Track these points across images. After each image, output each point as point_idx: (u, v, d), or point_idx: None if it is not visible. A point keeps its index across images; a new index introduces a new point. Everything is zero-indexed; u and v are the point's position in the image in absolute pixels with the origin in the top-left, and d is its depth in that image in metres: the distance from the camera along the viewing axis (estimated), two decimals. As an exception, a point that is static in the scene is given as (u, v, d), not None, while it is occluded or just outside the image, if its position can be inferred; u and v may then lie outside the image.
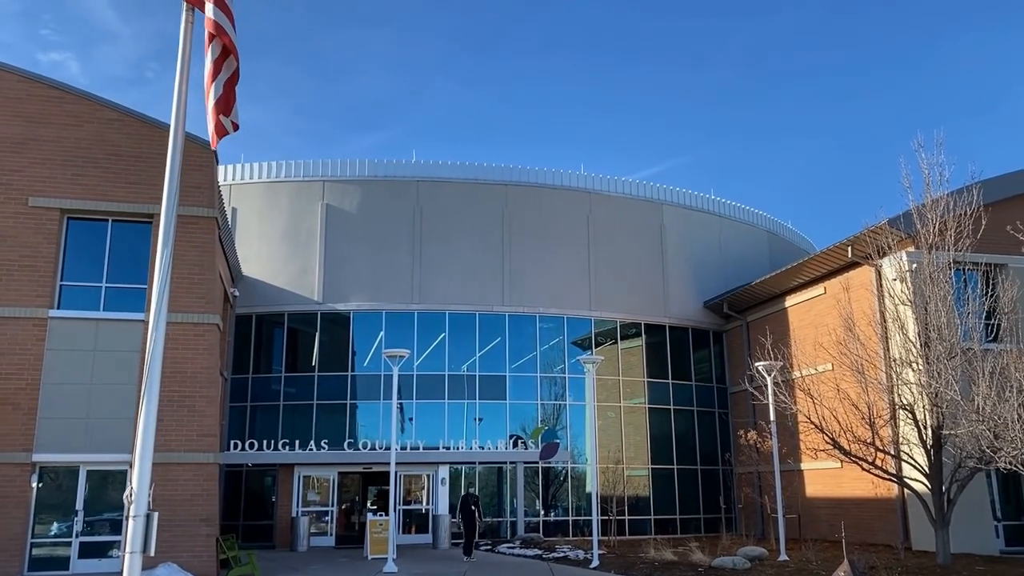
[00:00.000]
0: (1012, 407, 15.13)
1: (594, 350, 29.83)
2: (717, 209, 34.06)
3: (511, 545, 24.53)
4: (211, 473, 17.85)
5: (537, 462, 28.11)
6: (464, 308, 29.14)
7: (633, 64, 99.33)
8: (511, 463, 28.12)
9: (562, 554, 21.84)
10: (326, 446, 25.81)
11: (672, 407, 31.13)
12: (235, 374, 28.24)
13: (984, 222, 18.62)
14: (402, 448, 26.27)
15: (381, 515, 23.39)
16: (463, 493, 24.39)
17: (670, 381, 31.33)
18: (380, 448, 25.84)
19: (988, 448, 15.77)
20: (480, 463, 28.23)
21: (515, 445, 28.21)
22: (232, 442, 26.08)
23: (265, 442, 25.67)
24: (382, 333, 28.60)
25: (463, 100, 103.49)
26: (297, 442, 26.02)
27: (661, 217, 32.35)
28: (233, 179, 30.02)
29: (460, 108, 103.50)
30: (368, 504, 27.29)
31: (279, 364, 29.13)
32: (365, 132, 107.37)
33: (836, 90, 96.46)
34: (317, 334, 28.86)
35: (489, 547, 24.74)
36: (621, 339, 31.18)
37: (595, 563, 19.47)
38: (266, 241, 29.32)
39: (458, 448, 27.31)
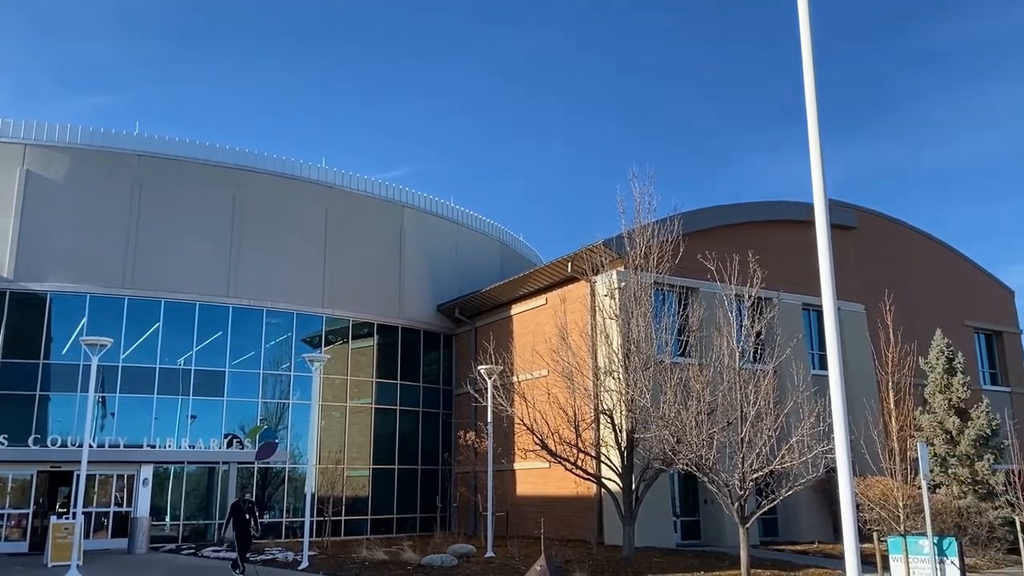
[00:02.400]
0: (692, 415, 16.95)
1: (323, 349, 29.27)
2: (455, 216, 34.96)
3: (217, 548, 23.27)
4: None
5: (253, 462, 26.99)
6: (184, 297, 27.27)
7: (380, 65, 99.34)
8: (224, 463, 26.72)
9: (271, 556, 21.13)
10: (5, 442, 22.90)
11: (399, 408, 31.37)
12: None
13: (682, 249, 20.78)
14: (100, 446, 24.01)
15: (67, 518, 21.14)
16: (235, 498, 21.15)
17: (399, 382, 31.55)
18: (74, 445, 23.37)
19: (671, 451, 17.53)
20: (190, 463, 26.53)
21: (230, 444, 26.87)
22: None
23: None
24: (85, 319, 25.95)
25: (198, 84, 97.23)
26: (-31, 437, 22.82)
27: (401, 219, 32.55)
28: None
29: (194, 92, 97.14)
30: (58, 506, 24.58)
31: (-46, 347, 25.39)
32: (82, 96, 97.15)
33: (581, 107, 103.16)
34: (4, 315, 25.49)
35: (192, 551, 23.31)
36: (353, 339, 30.90)
37: (304, 564, 19.06)
38: (-53, 205, 25.48)
39: (166, 447, 25.47)
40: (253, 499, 21.30)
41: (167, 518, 26.15)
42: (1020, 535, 14.28)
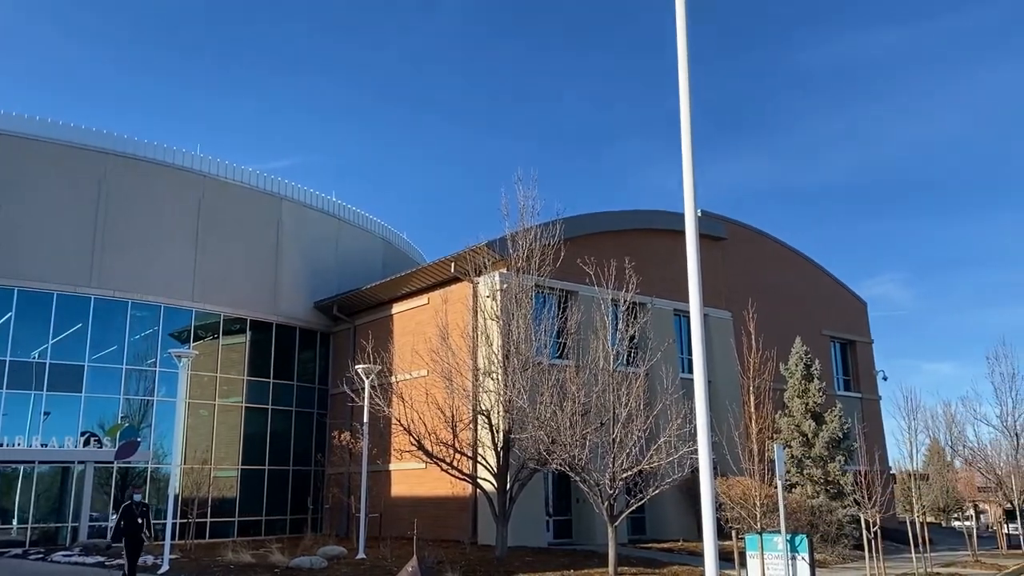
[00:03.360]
0: (567, 416, 17.32)
1: (193, 344, 28.09)
2: (337, 212, 34.29)
3: (68, 553, 21.92)
4: None
5: (112, 462, 25.60)
6: (40, 286, 25.59)
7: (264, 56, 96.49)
8: (80, 463, 25.22)
9: (129, 561, 20.03)
10: None
11: (271, 407, 30.49)
12: None
13: (563, 253, 21.15)
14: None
15: None
16: (127, 500, 17.46)
17: (271, 380, 30.67)
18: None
19: (545, 451, 17.84)
20: (42, 463, 24.90)
21: (88, 443, 25.38)
22: None
23: None
24: (-74, 306, 23.94)
25: (63, 52, 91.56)
26: None
27: (280, 213, 31.66)
28: None
29: (58, 60, 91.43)
30: None
31: None
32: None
33: (471, 111, 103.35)
34: None
35: (41, 555, 21.87)
36: (225, 334, 29.81)
37: (165, 568, 18.23)
38: None
39: (15, 445, 23.81)
40: (146, 500, 18.93)
41: (15, 521, 24.45)
42: (865, 532, 15.30)
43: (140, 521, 16.56)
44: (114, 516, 26.14)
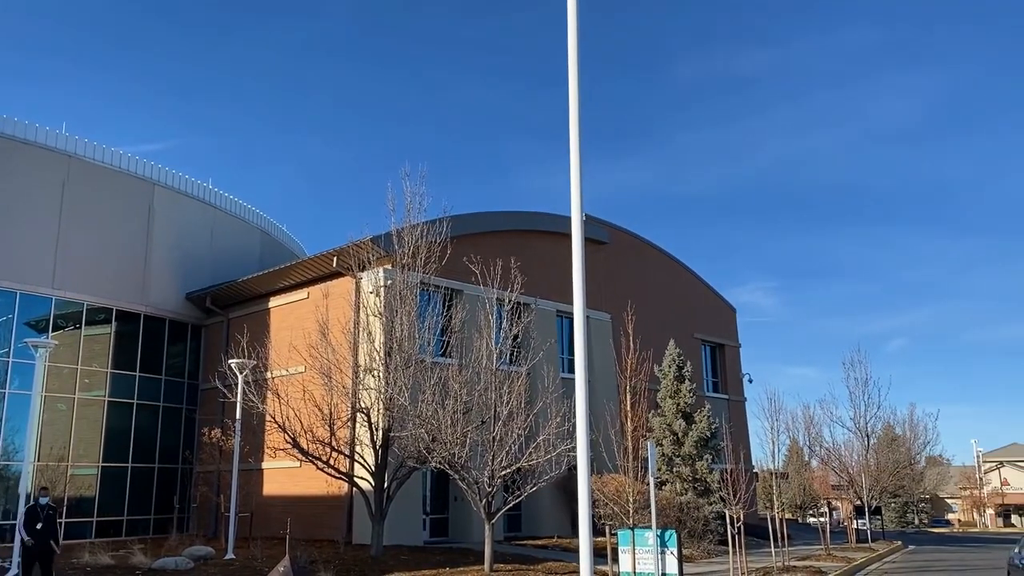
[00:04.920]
0: (448, 414, 17.31)
1: (52, 334, 26.36)
2: (213, 200, 32.99)
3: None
4: None
5: (-45, 459, 23.74)
6: None
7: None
8: (-83, 460, 23.25)
9: (-31, 566, 18.63)
10: None
11: (136, 401, 29.01)
12: None
13: (449, 251, 21.09)
14: None
15: None
16: (31, 502, 15.19)
17: (137, 374, 29.19)
18: None
19: (425, 449, 17.76)
20: None
21: (-73, 438, 23.43)
22: None
23: None
24: None
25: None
26: None
27: (151, 198, 30.18)
28: None
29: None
30: None
31: None
32: None
33: (361, 103, 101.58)
34: None
35: None
36: (87, 324, 28.14)
37: (13, 571, 16.99)
38: None
39: None
40: (53, 502, 15.69)
41: None
42: (729, 528, 16.04)
43: (41, 527, 14.50)
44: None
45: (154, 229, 30.01)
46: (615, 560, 13.85)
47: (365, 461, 19.91)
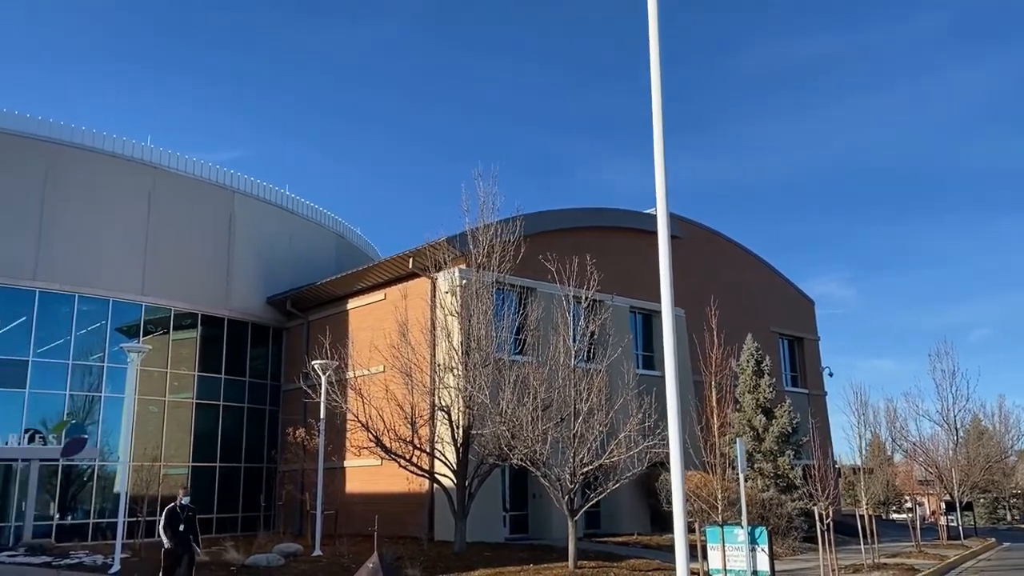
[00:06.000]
0: (528, 411, 17.41)
1: (142, 339, 27.43)
2: (290, 206, 33.86)
3: (13, 553, 21.28)
4: None
5: (58, 460, 24.93)
6: (-19, 279, 24.73)
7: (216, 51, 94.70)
8: (24, 460, 24.47)
9: (77, 560, 19.62)
10: None
11: (222, 403, 29.99)
12: None
13: (523, 250, 21.21)
14: None
15: None
16: (173, 503, 14.56)
17: (223, 376, 30.16)
18: None
19: (506, 446, 17.90)
20: (-18, 460, 24.08)
21: (32, 440, 24.65)
22: None
23: None
24: None
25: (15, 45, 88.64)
26: None
27: (232, 206, 31.13)
28: None
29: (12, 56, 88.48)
30: None
31: None
32: None
33: (431, 106, 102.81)
34: None
35: (-18, 558, 21.19)
36: (175, 329, 29.21)
37: (116, 568, 17.79)
38: None
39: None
40: (192, 502, 15.04)
41: (-48, 521, 23.64)
42: (818, 524, 15.71)
43: (182, 529, 14.12)
44: (59, 516, 25.55)
45: (235, 236, 30.94)
46: (704, 557, 13.74)
47: (446, 459, 20.16)
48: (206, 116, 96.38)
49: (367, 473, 26.38)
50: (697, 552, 13.47)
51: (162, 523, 14.14)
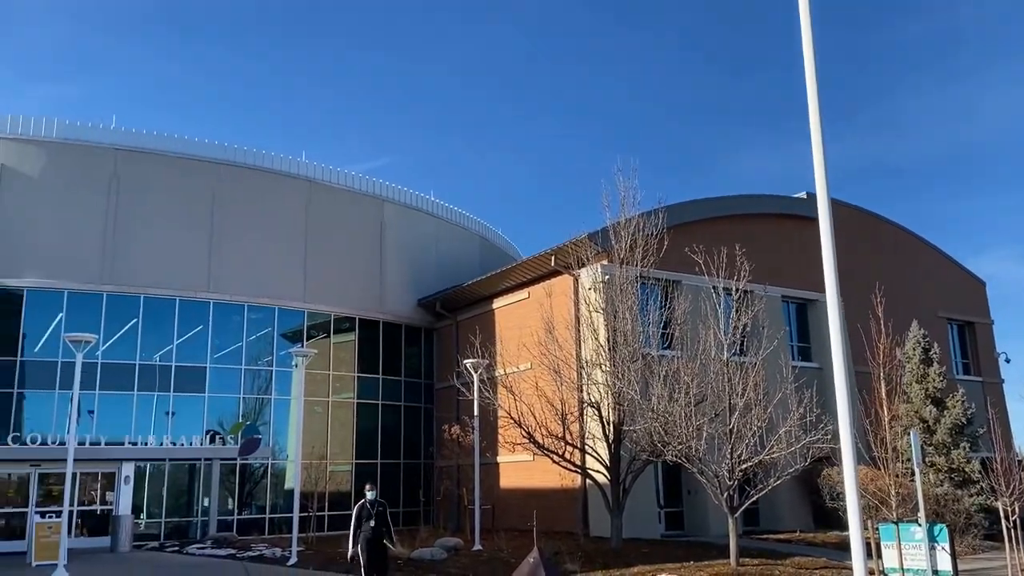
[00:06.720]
0: (680, 406, 17.17)
1: (305, 343, 29.08)
2: (435, 210, 34.91)
3: (202, 545, 23.13)
4: None
5: (235, 459, 26.85)
6: (163, 292, 26.94)
7: (360, 53, 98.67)
8: (206, 460, 26.51)
9: (258, 553, 21.03)
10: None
11: (380, 402, 31.33)
12: None
13: (667, 243, 20.95)
14: (80, 444, 23.70)
15: (51, 516, 20.89)
16: (364, 498, 14.13)
17: (380, 376, 31.49)
18: (53, 443, 23.11)
19: (659, 442, 17.74)
20: (172, 460, 26.26)
21: (212, 441, 26.66)
22: None
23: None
24: (62, 315, 25.54)
25: (166, 71, 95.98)
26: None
27: (382, 213, 32.44)
28: None
29: (164, 78, 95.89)
30: (36, 505, 24.24)
31: (-73, 345, 24.86)
32: (46, 84, 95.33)
33: (554, 104, 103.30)
34: (-20, 312, 25.02)
35: (176, 548, 23.14)
36: (334, 333, 30.77)
37: (293, 560, 19.02)
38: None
39: (146, 444, 25.21)
40: (381, 498, 14.58)
41: (144, 516, 25.88)
42: (1003, 521, 14.62)
43: (373, 524, 13.56)
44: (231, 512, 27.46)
45: (386, 242, 32.25)
46: (878, 556, 13.11)
47: (598, 454, 20.19)
48: (349, 126, 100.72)
49: (520, 468, 26.82)
50: (871, 550, 12.85)
51: (354, 519, 13.85)
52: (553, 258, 25.36)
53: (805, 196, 29.66)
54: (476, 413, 22.60)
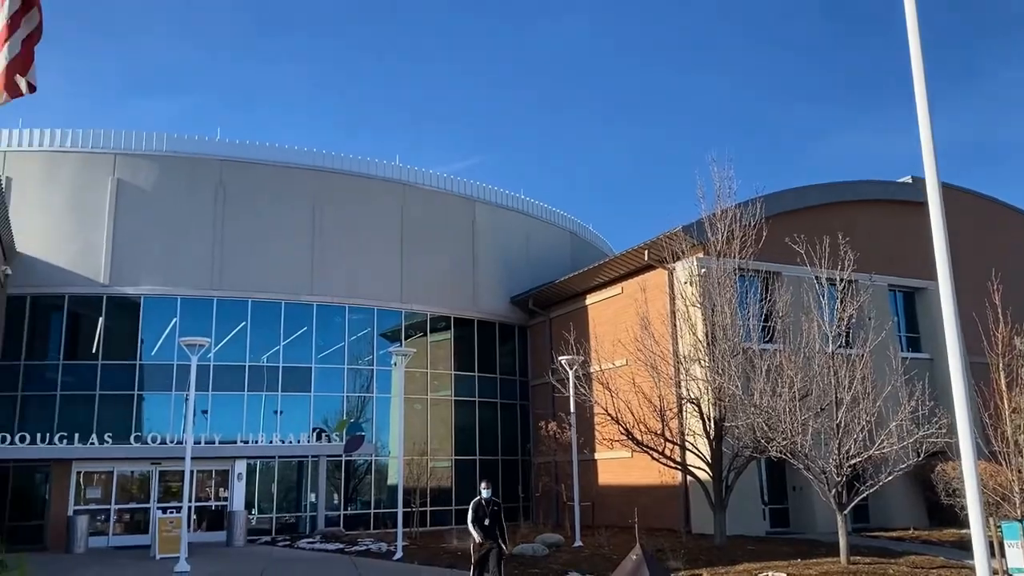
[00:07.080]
0: (784, 401, 16.75)
1: (403, 342, 29.72)
2: (525, 208, 35.10)
3: (311, 540, 23.96)
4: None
5: (340, 456, 27.67)
6: (269, 296, 28.02)
7: (450, 61, 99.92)
8: (313, 457, 27.44)
9: (364, 547, 21.65)
10: (110, 440, 23.94)
11: (477, 399, 31.73)
12: (4, 360, 25.42)
13: (765, 233, 20.47)
14: (196, 442, 24.91)
15: (172, 512, 22.05)
16: (477, 496, 13.79)
17: (476, 374, 31.89)
18: (171, 442, 24.38)
19: (763, 438, 17.36)
20: (281, 457, 27.29)
21: (319, 438, 27.57)
22: (-1, 435, 23.54)
23: (39, 435, 23.41)
24: (176, 320, 26.90)
25: (264, 76, 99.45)
26: (76, 436, 23.90)
27: (474, 213, 32.83)
28: (8, 145, 27.05)
29: (261, 84, 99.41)
30: (157, 501, 25.62)
31: (56, 351, 26.58)
32: (153, 98, 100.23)
33: (638, 98, 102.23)
34: (102, 319, 26.59)
35: (288, 542, 24.05)
36: (430, 332, 31.35)
37: (399, 555, 19.47)
38: (46, 215, 26.65)
39: (257, 442, 26.27)
40: (495, 495, 14.13)
41: (255, 511, 26.96)
42: None
43: (488, 524, 13.23)
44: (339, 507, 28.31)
45: (478, 241, 32.63)
46: (1001, 555, 12.49)
47: (699, 451, 19.91)
48: (439, 127, 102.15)
49: (618, 465, 26.70)
50: (993, 549, 12.26)
51: (470, 517, 13.58)
52: (647, 252, 25.12)
53: (911, 180, 28.45)
54: (572, 410, 22.62)
